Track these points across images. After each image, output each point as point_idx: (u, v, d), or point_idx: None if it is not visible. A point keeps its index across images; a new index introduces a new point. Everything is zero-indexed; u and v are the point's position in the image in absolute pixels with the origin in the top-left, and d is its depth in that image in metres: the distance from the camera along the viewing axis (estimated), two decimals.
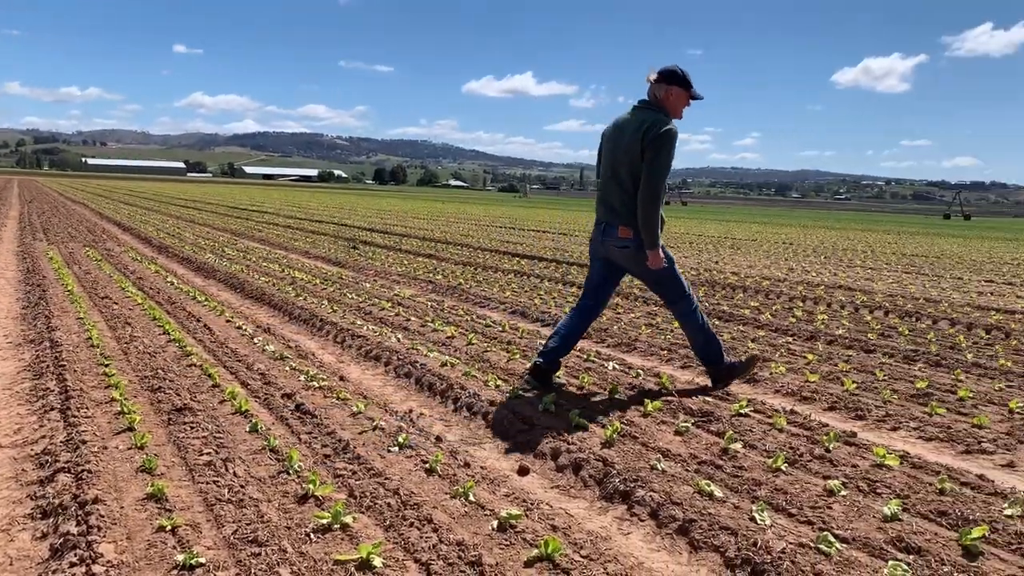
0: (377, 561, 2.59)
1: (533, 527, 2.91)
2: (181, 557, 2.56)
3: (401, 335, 6.34)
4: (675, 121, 4.53)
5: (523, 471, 3.60)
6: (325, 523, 2.85)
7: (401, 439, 3.77)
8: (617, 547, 2.84)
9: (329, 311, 7.30)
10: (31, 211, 21.77)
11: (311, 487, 3.13)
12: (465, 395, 4.60)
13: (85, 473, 3.23)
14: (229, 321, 6.80)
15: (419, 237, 17.94)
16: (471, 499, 3.13)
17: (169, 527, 2.78)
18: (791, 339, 6.87)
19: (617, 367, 5.48)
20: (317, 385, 4.76)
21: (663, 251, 4.60)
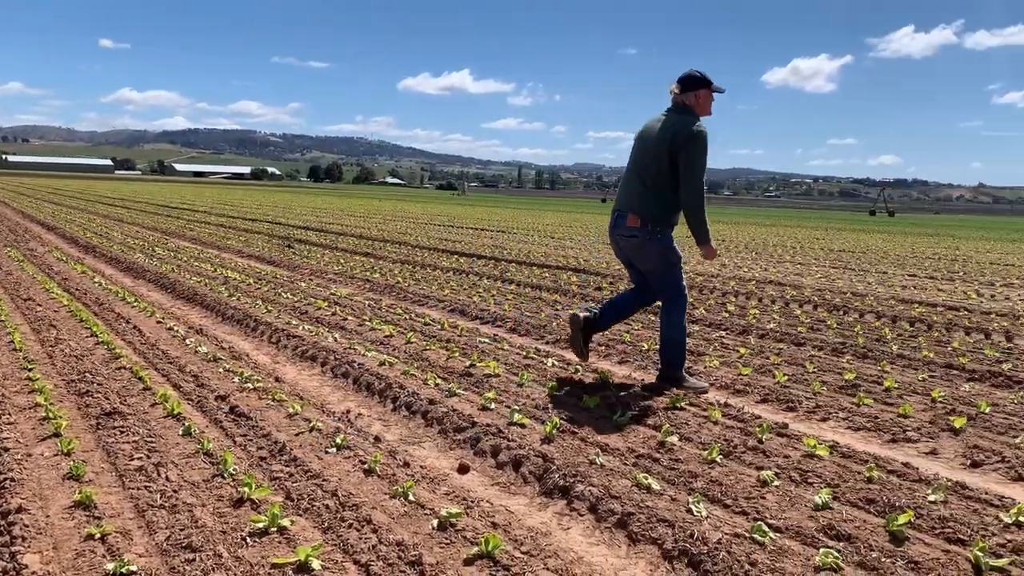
0: (316, 564, 2.55)
1: (473, 525, 2.91)
2: (111, 566, 2.48)
3: (338, 334, 6.27)
4: (703, 119, 4.74)
5: (463, 469, 3.59)
6: (262, 526, 2.80)
7: (339, 440, 3.73)
8: (557, 542, 2.86)
9: (264, 311, 7.17)
10: None
11: (247, 490, 3.07)
12: (404, 394, 4.57)
13: (8, 482, 3.11)
14: (160, 322, 6.62)
15: (356, 235, 17.74)
16: (411, 499, 3.12)
17: (98, 535, 2.70)
18: (724, 333, 7.02)
19: (556, 363, 5.51)
20: (252, 386, 4.67)
21: (673, 248, 4.80)
